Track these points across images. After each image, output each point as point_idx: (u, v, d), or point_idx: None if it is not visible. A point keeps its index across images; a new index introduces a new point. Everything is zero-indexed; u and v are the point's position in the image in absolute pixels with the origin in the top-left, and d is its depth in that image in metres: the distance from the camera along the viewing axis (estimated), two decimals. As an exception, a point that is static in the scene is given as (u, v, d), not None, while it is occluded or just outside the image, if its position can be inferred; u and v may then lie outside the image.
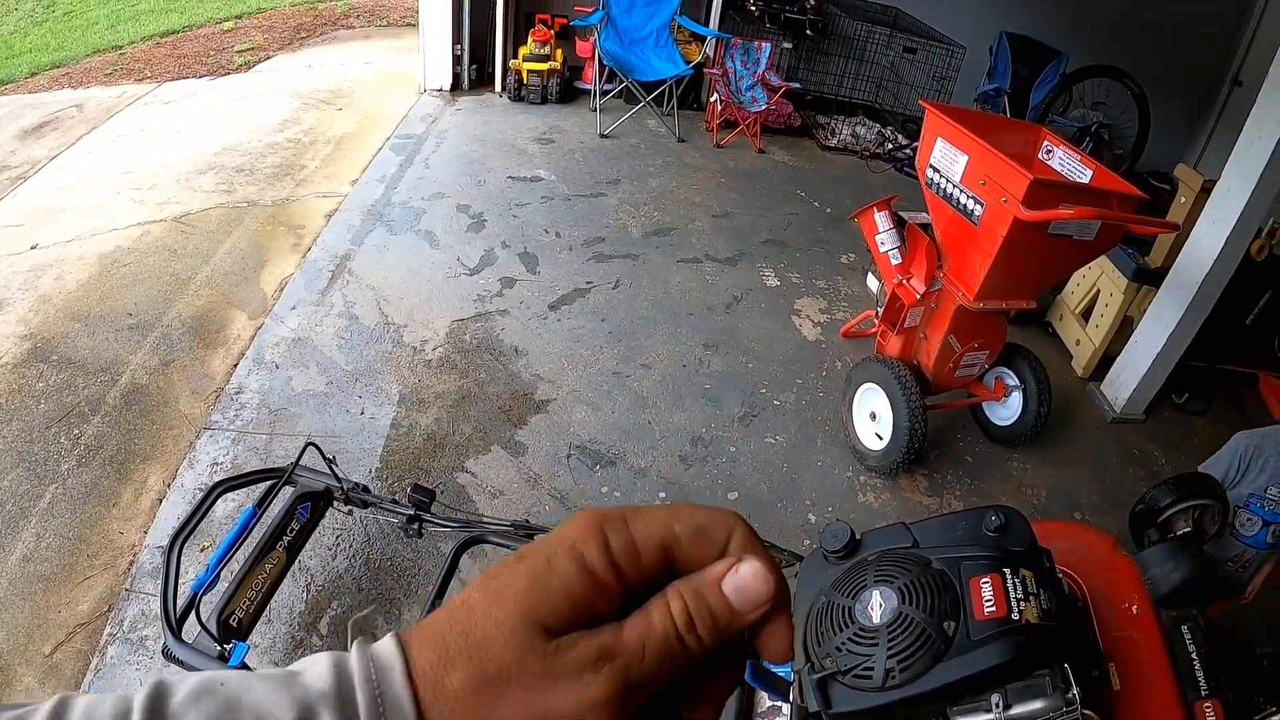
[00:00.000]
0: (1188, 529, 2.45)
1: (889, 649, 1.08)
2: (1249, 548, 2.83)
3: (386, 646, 0.44)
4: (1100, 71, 6.74)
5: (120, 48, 8.28)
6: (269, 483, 2.37)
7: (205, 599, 2.09)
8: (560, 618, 0.44)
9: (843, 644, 1.12)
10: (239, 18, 9.46)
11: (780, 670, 1.39)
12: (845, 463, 3.78)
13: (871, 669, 1.08)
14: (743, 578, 0.48)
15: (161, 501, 3.10)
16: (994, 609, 1.09)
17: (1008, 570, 1.14)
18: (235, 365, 3.79)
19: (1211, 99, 8.30)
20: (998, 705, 1.09)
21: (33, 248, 4.50)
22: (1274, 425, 2.88)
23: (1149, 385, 4.41)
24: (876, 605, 1.12)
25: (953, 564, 1.16)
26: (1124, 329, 4.59)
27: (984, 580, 1.12)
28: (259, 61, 8.08)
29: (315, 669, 0.44)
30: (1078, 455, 4.19)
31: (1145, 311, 4.40)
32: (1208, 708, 1.38)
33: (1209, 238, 4.02)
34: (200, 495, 2.33)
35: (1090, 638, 1.43)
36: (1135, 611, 1.50)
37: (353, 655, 0.44)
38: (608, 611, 0.46)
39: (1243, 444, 2.91)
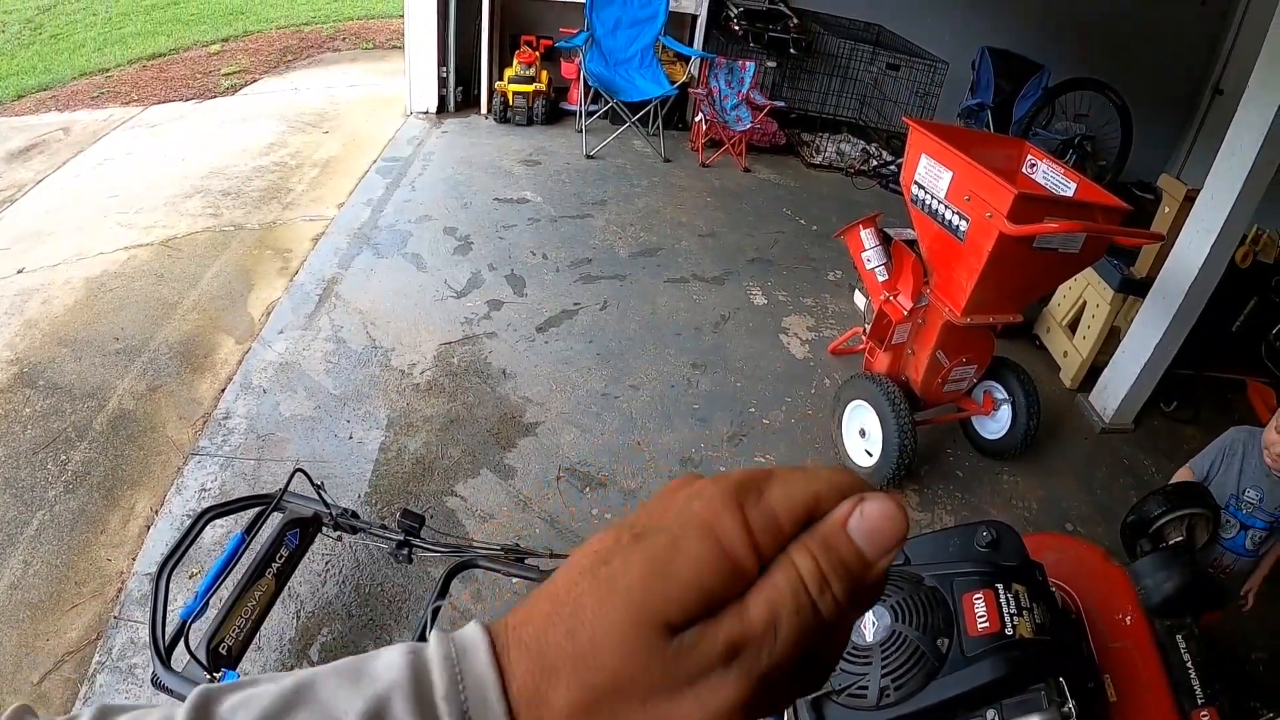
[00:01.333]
0: (1180, 538, 2.45)
1: (883, 667, 1.07)
2: (1228, 551, 2.83)
3: (471, 630, 0.40)
4: (1082, 84, 6.79)
5: (107, 70, 8.27)
6: (257, 509, 2.36)
7: (194, 626, 2.07)
8: (687, 613, 0.37)
9: (836, 663, 1.11)
10: (225, 40, 9.45)
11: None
12: (836, 479, 3.77)
13: (866, 688, 1.08)
14: (870, 518, 0.40)
15: (149, 528, 3.07)
16: (987, 625, 1.09)
17: (1000, 585, 1.14)
18: (223, 390, 3.77)
19: (1193, 108, 8.39)
20: (993, 721, 1.09)
21: (19, 272, 4.48)
22: (1257, 428, 2.88)
23: (1137, 395, 4.42)
24: (869, 624, 1.12)
25: (945, 580, 1.16)
26: (1111, 339, 4.61)
27: (977, 596, 1.12)
28: (245, 84, 8.08)
29: (387, 656, 0.40)
30: (1068, 467, 4.20)
31: (1132, 321, 4.42)
32: (1204, 715, 1.39)
33: (1194, 246, 4.05)
34: (188, 522, 2.32)
35: (1085, 650, 1.43)
36: (1129, 622, 1.50)
37: (432, 639, 0.40)
38: (736, 593, 0.39)
39: (1230, 437, 2.92)
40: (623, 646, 0.37)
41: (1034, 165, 3.59)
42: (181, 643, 2.04)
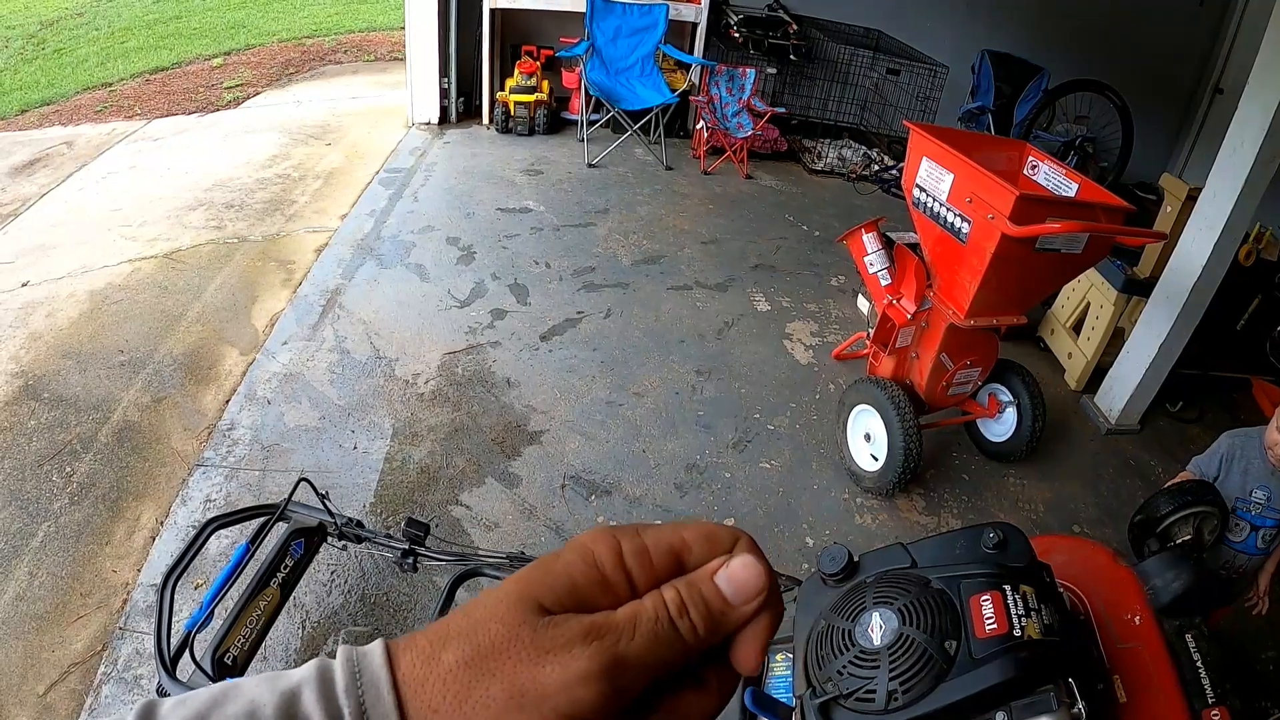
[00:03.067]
0: (1187, 537, 2.44)
1: (891, 671, 1.07)
2: (1240, 553, 2.82)
3: (373, 643, 0.46)
4: (1082, 86, 6.78)
5: (110, 85, 8.30)
6: (262, 519, 2.36)
7: (199, 637, 2.07)
8: (558, 598, 0.45)
9: (844, 667, 1.11)
10: (227, 54, 9.49)
11: (782, 696, 1.38)
12: (841, 485, 3.77)
13: (874, 691, 1.07)
14: (734, 569, 0.48)
15: (154, 539, 3.08)
16: (995, 626, 1.08)
17: (1008, 587, 1.13)
18: (227, 401, 3.78)
19: (1193, 108, 8.39)
20: (1002, 723, 1.08)
21: (24, 285, 4.49)
22: (1258, 426, 2.87)
23: (1142, 395, 4.42)
24: (877, 627, 1.11)
25: (952, 583, 1.15)
26: (1115, 340, 4.60)
27: (984, 598, 1.12)
28: (248, 97, 8.11)
29: (303, 666, 0.45)
30: (1074, 468, 4.19)
31: (1136, 322, 4.41)
32: (1215, 715, 1.37)
33: (1196, 246, 4.04)
34: (193, 533, 2.32)
35: (1093, 651, 1.42)
36: (1138, 622, 1.49)
37: (339, 650, 0.46)
38: (610, 607, 0.46)
39: (1225, 444, 2.92)
40: (504, 617, 0.44)
41: (1035, 167, 3.58)
42: (187, 653, 2.04)
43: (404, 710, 0.43)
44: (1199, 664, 1.45)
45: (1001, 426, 3.97)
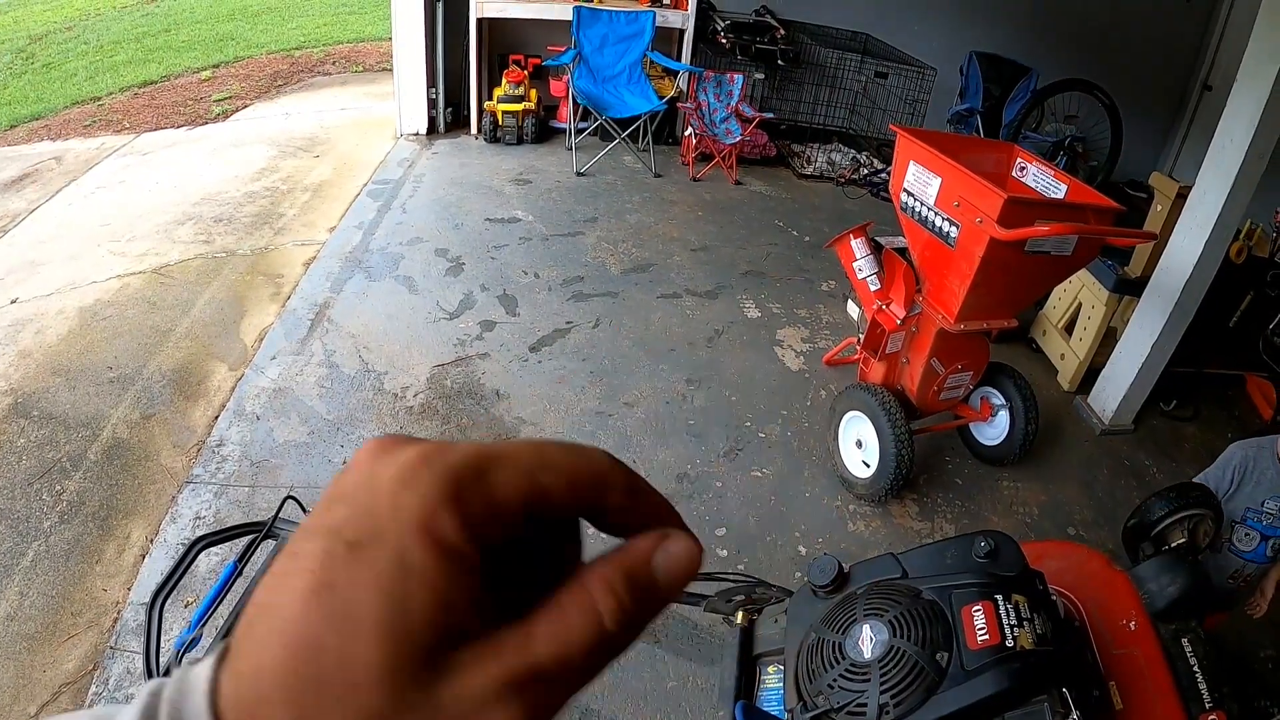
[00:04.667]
0: (1183, 540, 2.43)
1: (881, 684, 1.06)
2: (1250, 562, 2.80)
3: (200, 673, 0.33)
4: (1071, 85, 6.79)
5: (99, 99, 8.29)
6: (250, 537, 2.34)
7: (188, 657, 2.05)
8: (436, 634, 0.32)
9: (834, 681, 1.10)
10: (216, 67, 9.49)
11: (773, 709, 1.37)
12: (834, 492, 3.76)
13: (865, 705, 1.06)
14: (674, 558, 0.38)
15: (145, 557, 3.06)
16: (987, 637, 1.07)
17: (999, 596, 1.12)
18: (216, 417, 3.76)
19: (1182, 105, 8.42)
20: (997, 734, 1.07)
21: (12, 302, 4.47)
22: (1269, 436, 2.85)
23: (1136, 394, 4.42)
24: (867, 639, 1.10)
25: (943, 593, 1.14)
26: (1108, 340, 4.60)
27: (976, 608, 1.11)
28: (236, 110, 8.10)
29: (136, 699, 0.34)
30: (1068, 470, 4.19)
31: (1128, 321, 4.41)
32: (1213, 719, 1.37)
33: (1187, 244, 4.04)
34: (181, 551, 2.30)
35: (1088, 658, 1.42)
36: (1133, 627, 1.48)
37: (172, 677, 0.34)
38: (474, 589, 0.34)
39: (1237, 456, 2.89)
40: (384, 694, 0.31)
41: (1024, 169, 3.58)
42: (176, 674, 2.02)
43: None
44: (1195, 668, 1.44)
45: (994, 430, 3.97)
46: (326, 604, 0.32)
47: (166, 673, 2.01)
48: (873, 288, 3.74)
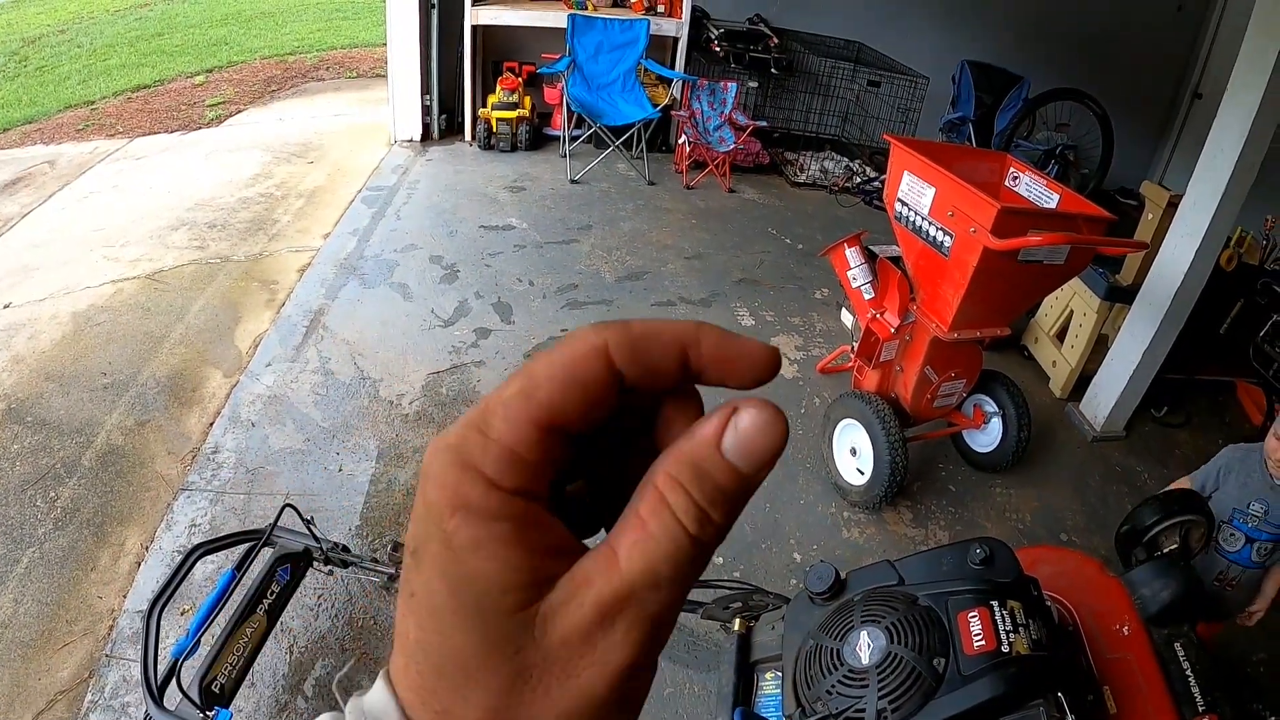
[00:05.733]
0: (1174, 546, 2.44)
1: (880, 690, 1.07)
2: (1232, 563, 2.82)
3: (377, 692, 0.36)
4: (1062, 94, 6.83)
5: (92, 103, 8.27)
6: (247, 545, 2.35)
7: (186, 664, 2.05)
8: (513, 595, 0.33)
9: (833, 687, 1.11)
10: (210, 71, 9.47)
11: (772, 715, 1.38)
12: (828, 499, 3.77)
13: (863, 711, 1.07)
14: (746, 436, 0.35)
15: (140, 564, 3.05)
16: (983, 643, 1.08)
17: (995, 602, 1.13)
18: (211, 424, 3.76)
19: (1173, 114, 8.48)
20: (993, 739, 1.08)
21: (5, 307, 4.46)
22: (1259, 442, 2.87)
23: (1128, 401, 4.44)
24: (865, 646, 1.11)
25: (939, 599, 1.15)
26: (1099, 348, 4.62)
27: (972, 614, 1.12)
28: (230, 115, 8.09)
29: None
30: (1061, 477, 4.20)
31: (1120, 329, 4.43)
32: (1206, 723, 1.38)
33: (1178, 252, 4.07)
34: (178, 559, 2.30)
35: (1083, 663, 1.43)
36: (1127, 632, 1.50)
37: (346, 715, 0.37)
38: (534, 534, 0.34)
39: (1227, 457, 2.92)
40: (494, 665, 0.33)
41: (1017, 178, 3.60)
42: (174, 681, 2.03)
43: None
44: (1189, 672, 1.45)
45: (987, 437, 3.98)
46: (415, 611, 0.34)
47: (165, 682, 2.02)
48: (867, 296, 3.75)
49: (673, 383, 0.37)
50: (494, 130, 7.06)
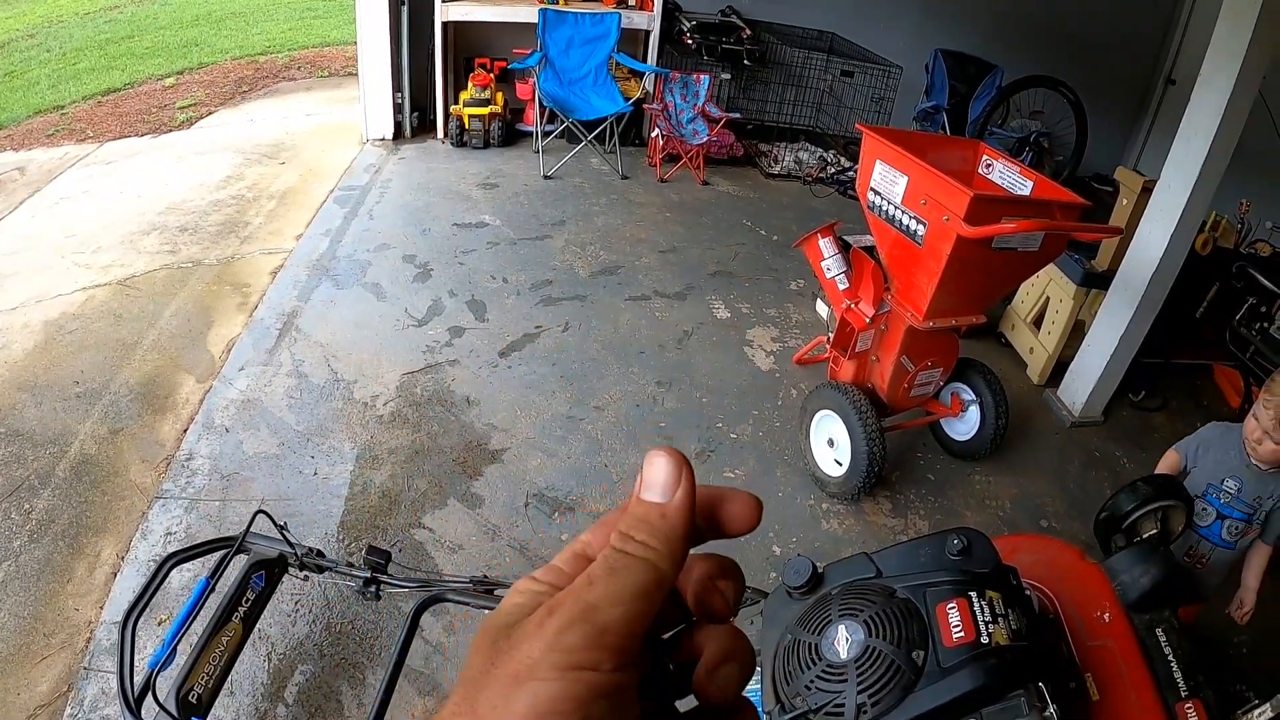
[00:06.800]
0: (1154, 531, 2.45)
1: (859, 684, 1.06)
2: (1204, 539, 2.83)
3: None
4: (1036, 82, 6.85)
5: (62, 107, 8.19)
6: (221, 552, 2.32)
7: (163, 675, 2.03)
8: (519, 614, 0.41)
9: (811, 682, 1.10)
10: (180, 73, 9.39)
11: (751, 712, 1.36)
12: (806, 491, 3.76)
13: (842, 706, 1.06)
14: (644, 475, 0.45)
15: (116, 575, 3.02)
16: (962, 634, 1.07)
17: (974, 593, 1.12)
18: (185, 431, 3.72)
19: (1146, 100, 8.53)
20: (974, 731, 1.07)
21: (-25, 319, 4.42)
22: (1242, 423, 2.88)
23: (1105, 386, 4.46)
24: (843, 640, 1.10)
25: (918, 591, 1.14)
26: (1076, 333, 4.64)
27: (950, 606, 1.11)
28: (201, 117, 8.03)
29: None
30: (1040, 463, 4.22)
31: (1096, 314, 4.46)
32: (1189, 709, 1.38)
33: (1153, 237, 4.09)
34: (153, 569, 2.27)
35: (1064, 651, 1.42)
36: (1107, 619, 1.49)
37: None
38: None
39: (1207, 432, 2.93)
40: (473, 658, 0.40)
41: (990, 165, 3.60)
42: (150, 693, 2.00)
43: None
44: (1170, 658, 1.45)
45: (965, 425, 3.99)
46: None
47: (142, 695, 1.99)
48: (841, 287, 3.75)
49: None
50: (466, 127, 7.04)
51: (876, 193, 3.38)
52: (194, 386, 4.00)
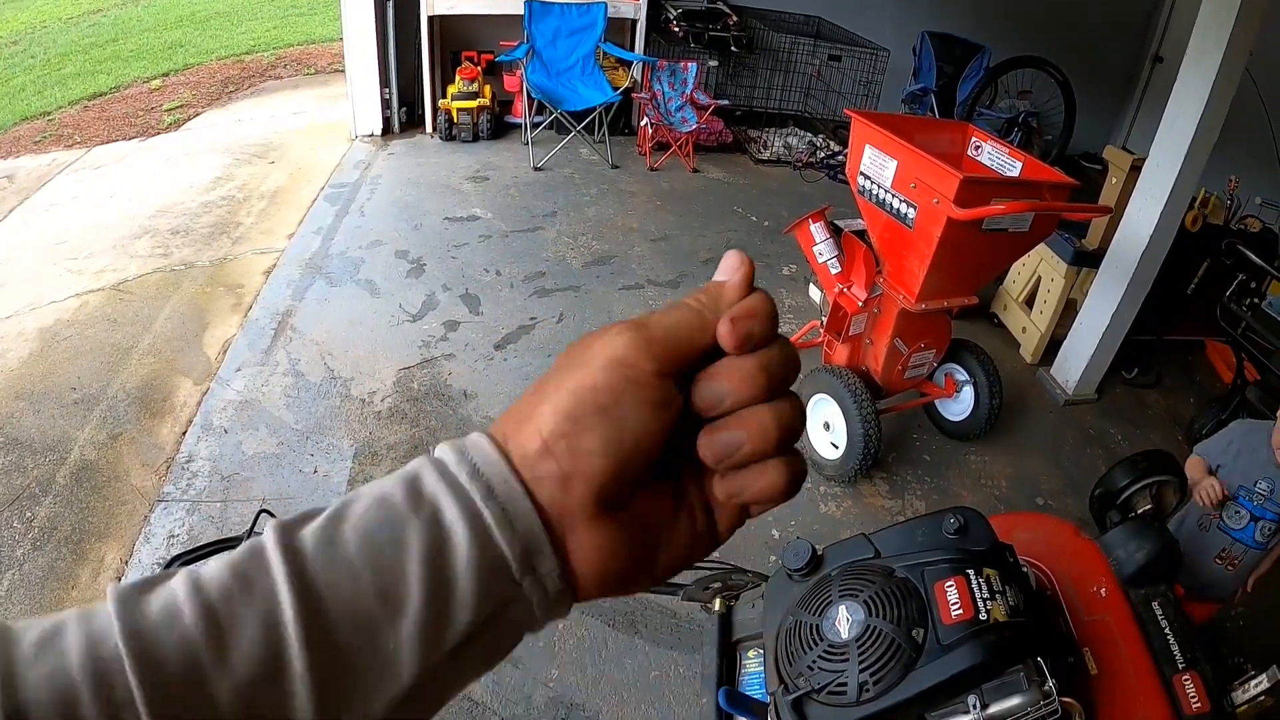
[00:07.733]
0: (1148, 506, 2.47)
1: (860, 663, 1.07)
2: (1237, 542, 2.80)
3: (474, 435, 0.50)
4: (1023, 62, 6.85)
5: (49, 113, 8.15)
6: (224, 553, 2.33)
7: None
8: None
9: (814, 662, 1.11)
10: (166, 75, 9.33)
11: (755, 693, 1.39)
12: (804, 475, 3.77)
13: (845, 684, 1.08)
14: (721, 266, 0.52)
15: (120, 580, 3.03)
16: (961, 612, 1.09)
17: (971, 571, 1.14)
18: (184, 433, 3.73)
19: (1134, 78, 8.52)
20: (975, 706, 1.09)
21: (-31, 328, 4.41)
22: (1267, 421, 2.86)
23: (1098, 364, 4.48)
24: (844, 620, 1.12)
25: (916, 571, 1.16)
26: (1068, 312, 4.66)
27: (948, 584, 1.13)
28: (189, 119, 7.99)
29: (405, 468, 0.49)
30: (1034, 442, 4.24)
31: (1087, 293, 4.47)
32: (1186, 680, 1.40)
33: (1143, 215, 4.10)
34: (157, 571, 2.28)
35: (1061, 627, 1.44)
36: (1104, 594, 1.51)
37: (436, 451, 0.49)
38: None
39: (1237, 431, 2.90)
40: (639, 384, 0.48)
41: (979, 147, 3.61)
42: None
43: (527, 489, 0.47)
44: (1167, 631, 1.47)
45: (960, 405, 4.01)
46: (566, 384, 0.49)
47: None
48: (833, 271, 3.76)
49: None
50: (455, 121, 7.02)
51: (866, 177, 3.38)
52: (191, 389, 4.01)
